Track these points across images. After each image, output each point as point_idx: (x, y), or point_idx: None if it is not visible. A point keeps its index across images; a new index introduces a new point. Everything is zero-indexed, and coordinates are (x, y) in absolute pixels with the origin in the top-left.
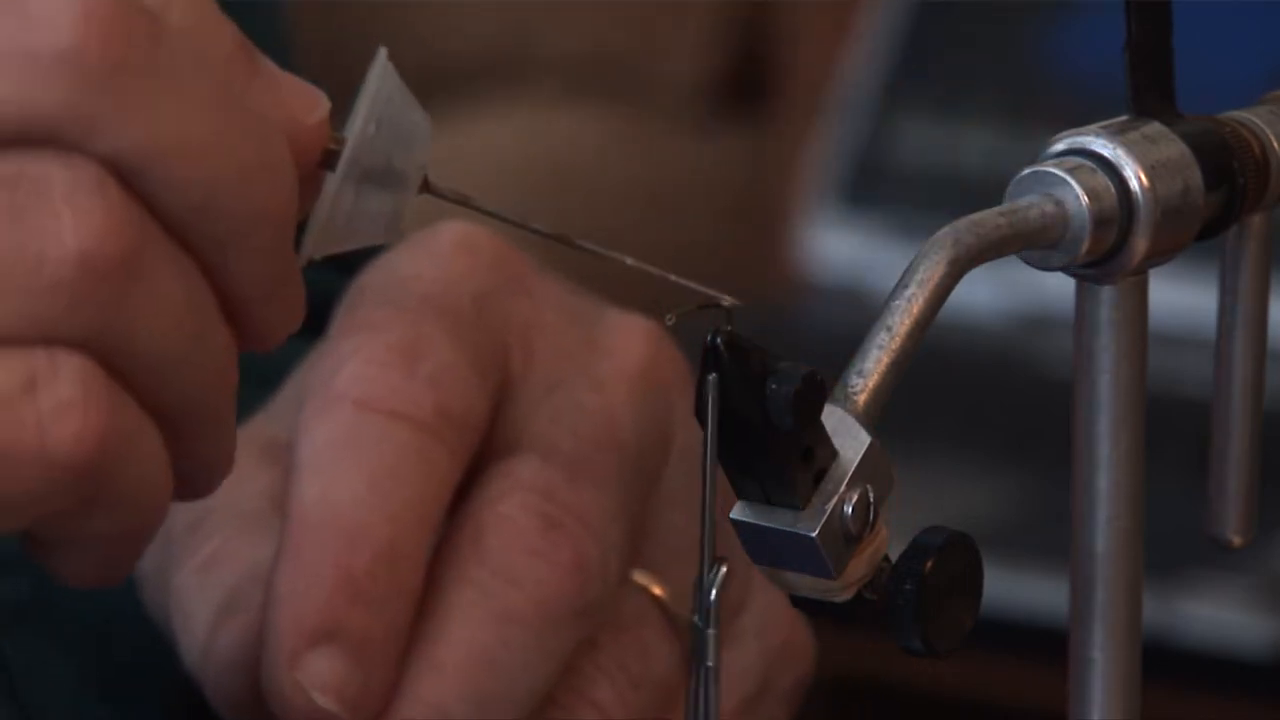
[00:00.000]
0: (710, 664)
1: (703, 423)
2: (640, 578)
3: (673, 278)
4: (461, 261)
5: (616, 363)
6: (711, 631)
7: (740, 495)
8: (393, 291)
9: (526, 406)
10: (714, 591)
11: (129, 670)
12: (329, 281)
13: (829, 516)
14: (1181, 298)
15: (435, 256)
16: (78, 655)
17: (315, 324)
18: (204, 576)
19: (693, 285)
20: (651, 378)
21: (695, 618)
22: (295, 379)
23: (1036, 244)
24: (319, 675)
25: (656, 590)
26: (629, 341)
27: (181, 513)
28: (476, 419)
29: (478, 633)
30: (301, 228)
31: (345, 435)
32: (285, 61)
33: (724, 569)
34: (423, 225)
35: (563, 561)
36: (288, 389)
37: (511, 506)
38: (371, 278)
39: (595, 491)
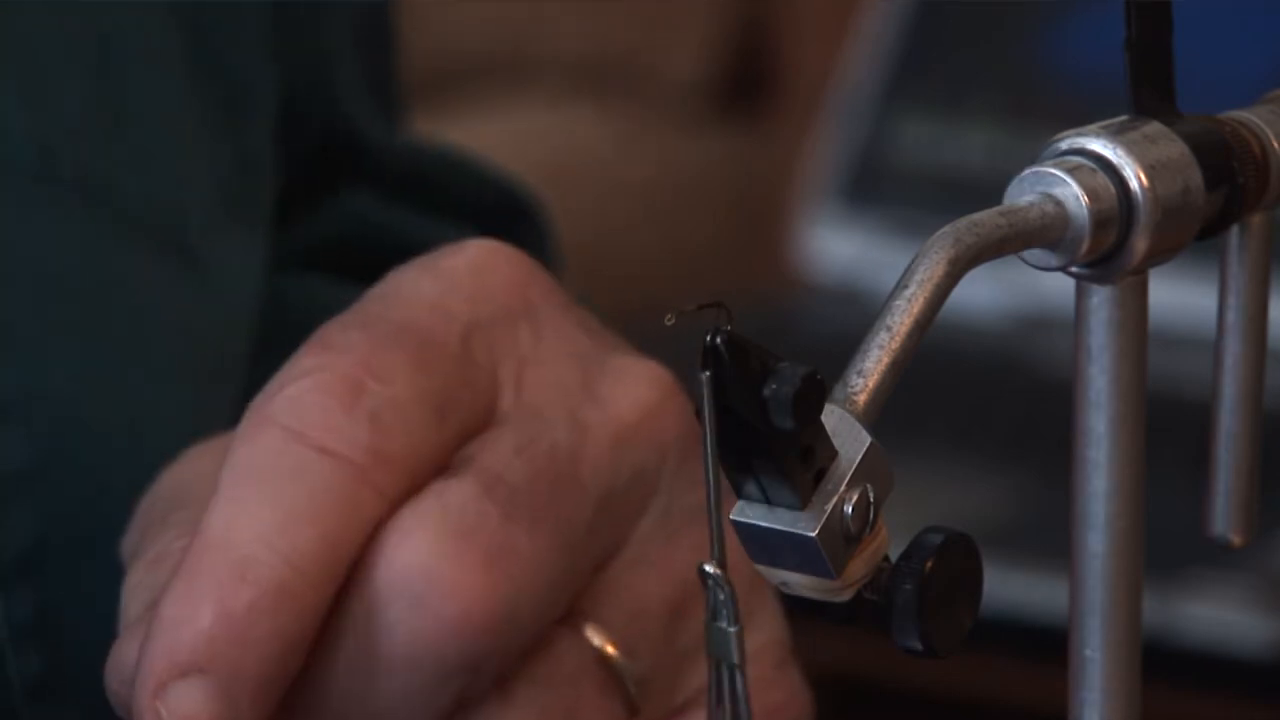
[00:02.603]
0: (736, 662)
1: (702, 423)
2: (592, 633)
3: None
4: (468, 285)
5: (610, 410)
6: (734, 629)
7: (740, 495)
8: (377, 310)
9: (494, 435)
10: (724, 591)
11: None
12: (319, 291)
13: (829, 516)
14: (1181, 298)
15: (443, 277)
16: None
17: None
18: (145, 575)
19: None
20: (645, 430)
21: (717, 621)
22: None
23: (1036, 244)
24: (180, 707)
25: (609, 648)
26: (631, 389)
27: (161, 499)
28: (420, 461)
29: (342, 680)
30: None
31: (266, 463)
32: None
33: (720, 571)
34: None
35: (453, 610)
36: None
37: (415, 537)
38: (374, 290)
39: (531, 533)
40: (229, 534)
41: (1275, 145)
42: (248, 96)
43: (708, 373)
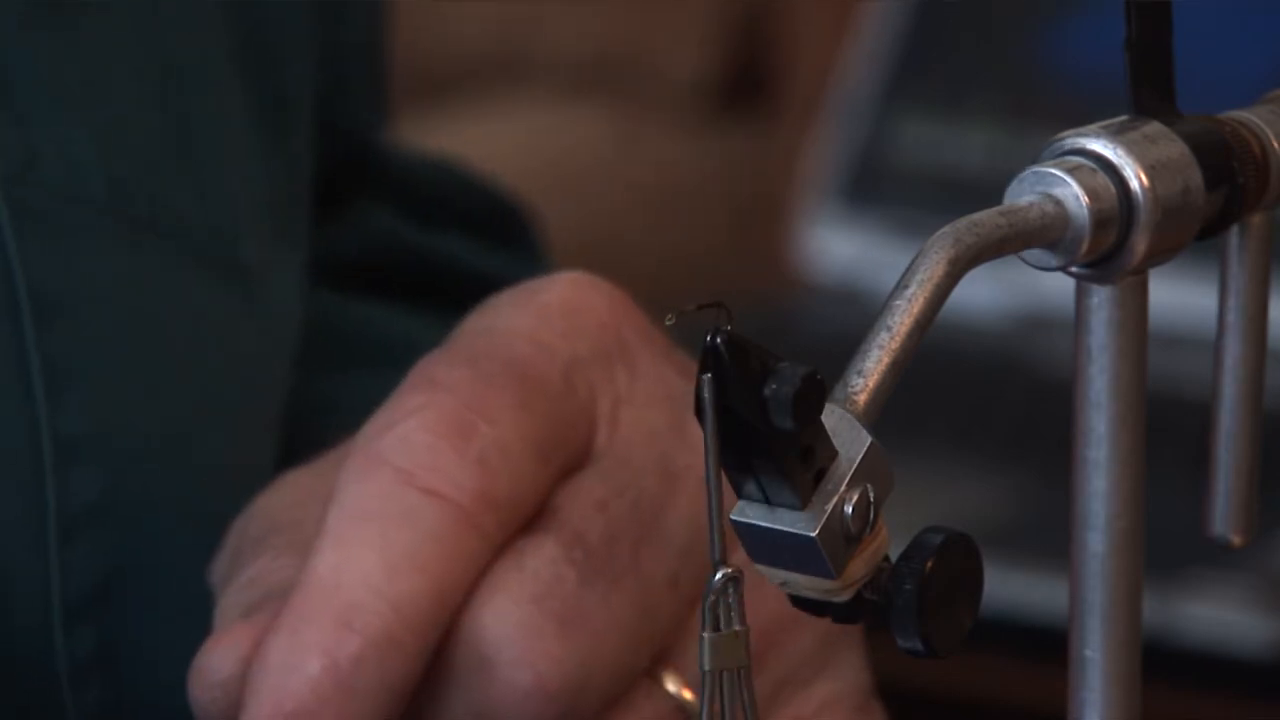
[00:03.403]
0: (746, 663)
1: (702, 423)
2: (670, 680)
3: None
4: (564, 323)
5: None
6: (740, 629)
7: (740, 495)
8: (479, 347)
9: (583, 485)
10: (730, 592)
11: None
12: (354, 308)
13: (829, 516)
14: (1181, 298)
15: (539, 312)
16: None
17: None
18: (239, 595)
19: None
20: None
21: (703, 632)
22: (393, 398)
23: (1036, 244)
24: None
25: (686, 694)
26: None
27: (256, 522)
28: (524, 504)
29: None
30: None
31: (376, 506)
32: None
33: (729, 570)
34: None
35: (526, 678)
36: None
37: (493, 603)
38: (471, 324)
39: (607, 596)
40: (337, 578)
41: (1275, 145)
42: (294, 110)
43: (708, 374)
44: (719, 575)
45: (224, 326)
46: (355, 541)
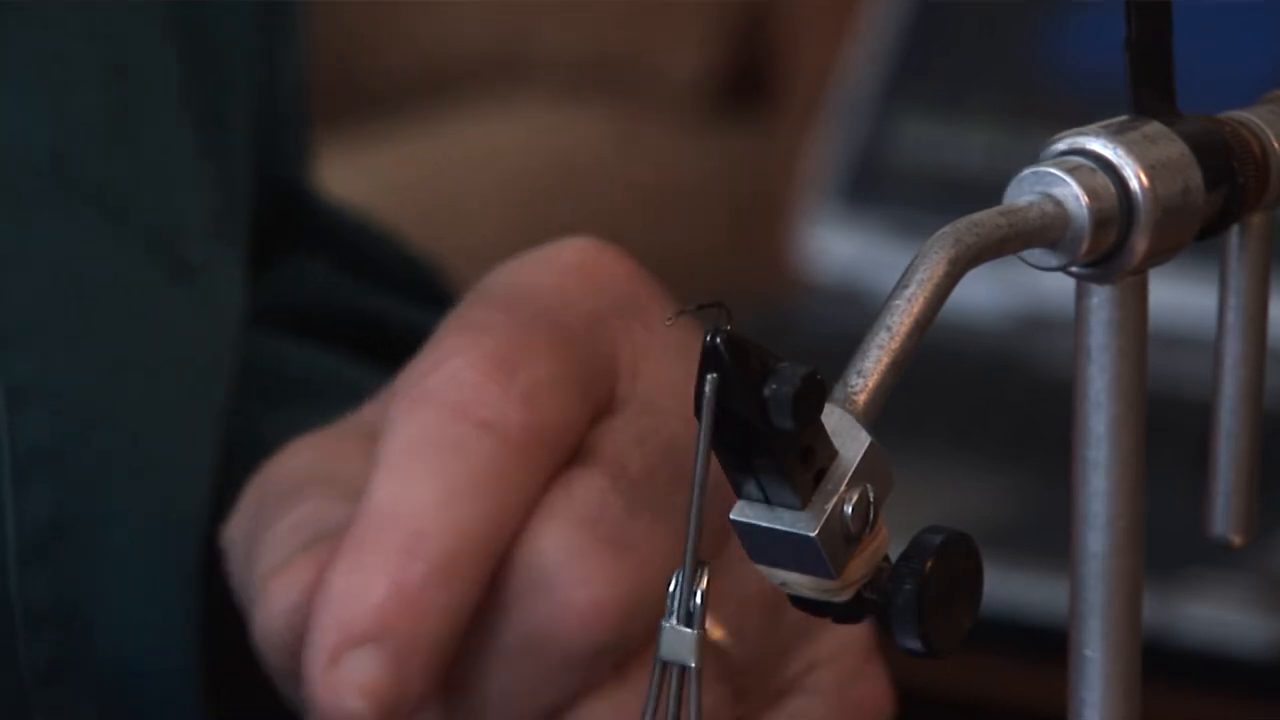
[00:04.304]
0: (695, 665)
1: (700, 421)
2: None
3: None
4: (581, 278)
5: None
6: (695, 632)
7: (740, 495)
8: (509, 297)
9: (616, 425)
10: (698, 593)
11: None
12: (359, 294)
13: (829, 516)
14: (1181, 298)
15: (556, 269)
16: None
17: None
18: (289, 537)
19: None
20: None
21: (665, 621)
22: (406, 373)
23: (1036, 244)
24: (354, 676)
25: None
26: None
27: (277, 483)
28: (567, 438)
29: (474, 658)
30: None
31: (429, 438)
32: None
33: (705, 569)
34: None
35: (583, 599)
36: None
37: (546, 528)
38: (492, 281)
39: (652, 525)
40: (397, 507)
41: (1275, 145)
42: (230, 125)
43: (712, 375)
44: (700, 571)
45: (159, 301)
46: (412, 472)
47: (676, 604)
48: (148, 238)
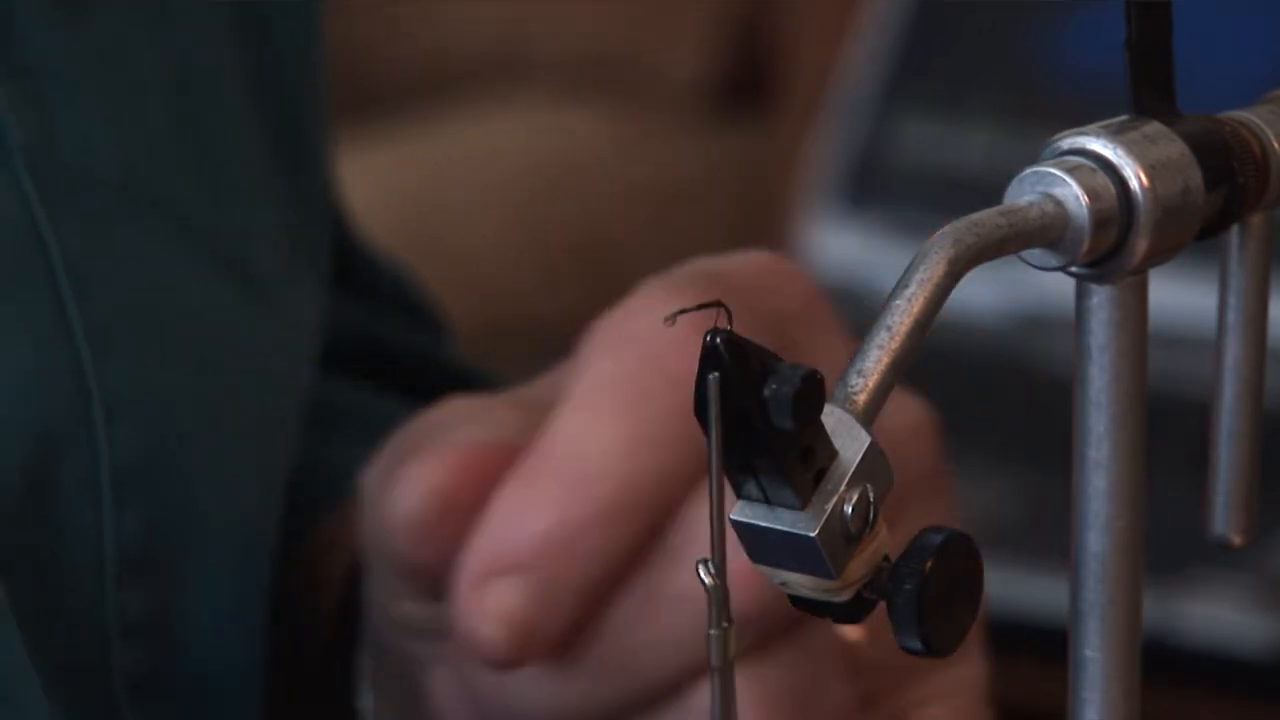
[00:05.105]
0: (716, 665)
1: (704, 422)
2: None
3: None
4: (771, 280)
5: (893, 421)
6: (713, 632)
7: (740, 495)
8: (704, 276)
9: None
10: (719, 591)
11: None
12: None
13: (829, 516)
14: (1181, 298)
15: (746, 267)
16: None
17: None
18: (429, 463)
19: None
20: (915, 443)
21: (710, 629)
22: (565, 363)
23: (1036, 244)
24: (500, 602)
25: (853, 633)
26: (906, 405)
27: (415, 429)
28: None
29: (631, 607)
30: None
31: (621, 381)
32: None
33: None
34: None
35: (748, 567)
36: (556, 370)
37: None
38: (686, 266)
39: None
40: (578, 443)
41: (1275, 145)
42: (308, 150)
43: (714, 375)
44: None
45: (231, 316)
46: (599, 412)
47: (713, 609)
48: (218, 252)
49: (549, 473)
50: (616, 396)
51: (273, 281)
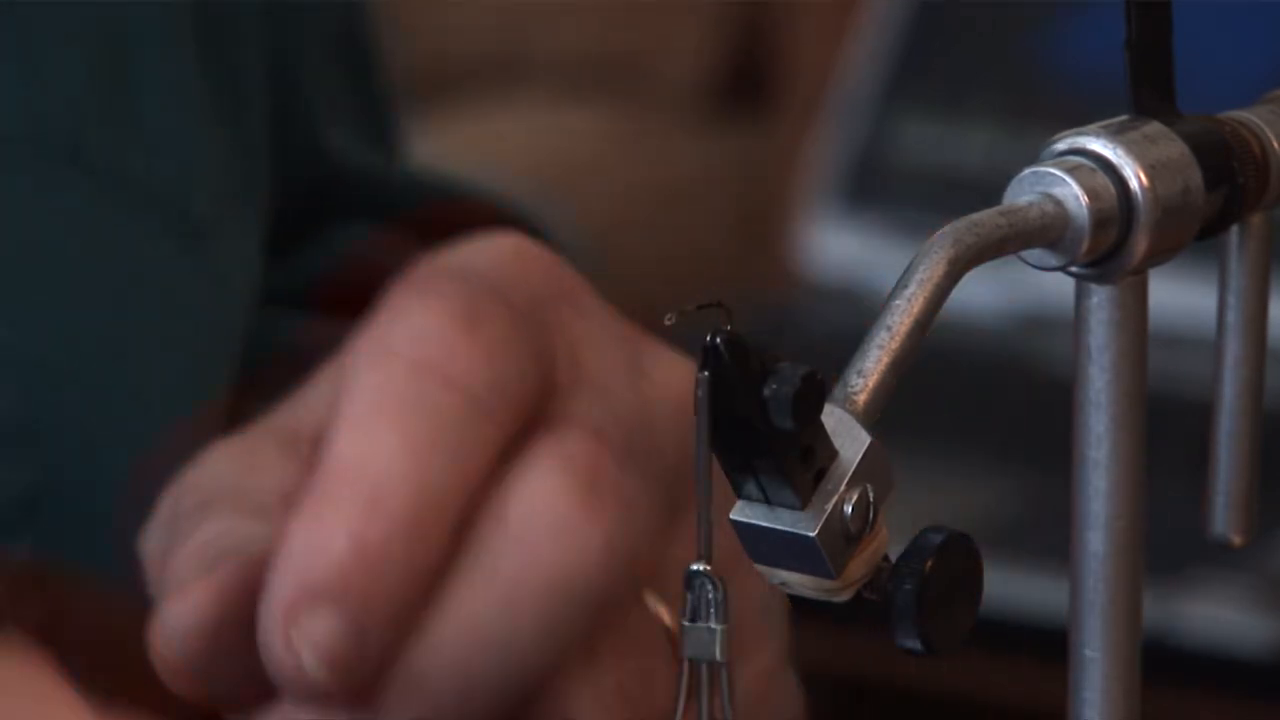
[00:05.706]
0: (720, 659)
1: (699, 421)
2: (652, 602)
3: None
4: (518, 265)
5: (660, 390)
6: (720, 627)
7: (739, 495)
8: (455, 270)
9: (581, 401)
10: (717, 589)
11: None
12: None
13: (829, 516)
14: (1181, 298)
15: (493, 256)
16: None
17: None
18: (192, 559)
19: None
20: (689, 415)
21: (684, 619)
22: (328, 370)
23: (1036, 244)
24: (313, 635)
25: (666, 620)
26: (676, 371)
27: (191, 494)
28: (527, 400)
29: (477, 608)
30: None
31: (393, 393)
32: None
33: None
34: None
35: (590, 541)
36: (319, 380)
37: (547, 474)
38: (432, 260)
39: (639, 480)
40: (360, 462)
41: (1275, 145)
42: (245, 87)
43: (706, 373)
44: (700, 568)
45: (160, 264)
46: (375, 428)
47: (696, 602)
48: (146, 198)
49: (338, 497)
50: (391, 409)
51: (208, 224)
